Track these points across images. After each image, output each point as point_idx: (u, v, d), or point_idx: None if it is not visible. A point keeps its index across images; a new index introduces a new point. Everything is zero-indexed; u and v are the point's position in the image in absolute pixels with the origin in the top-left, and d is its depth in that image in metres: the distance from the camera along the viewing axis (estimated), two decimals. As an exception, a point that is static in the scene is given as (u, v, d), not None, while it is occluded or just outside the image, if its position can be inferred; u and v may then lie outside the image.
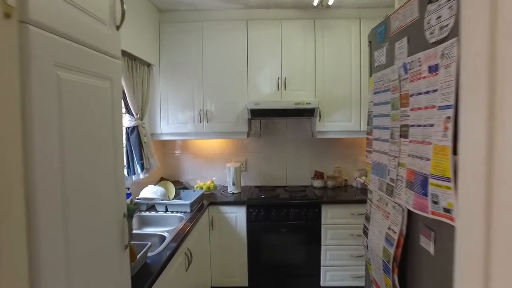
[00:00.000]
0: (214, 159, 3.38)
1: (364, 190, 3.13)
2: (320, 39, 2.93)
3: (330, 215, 2.76)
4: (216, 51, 2.95)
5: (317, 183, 3.23)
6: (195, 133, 3.02)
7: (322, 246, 2.77)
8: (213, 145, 3.37)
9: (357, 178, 3.24)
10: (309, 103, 2.77)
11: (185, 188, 2.99)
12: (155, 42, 2.93)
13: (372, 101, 1.73)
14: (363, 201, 2.74)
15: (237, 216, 2.77)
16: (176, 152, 3.40)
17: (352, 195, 2.97)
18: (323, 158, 3.36)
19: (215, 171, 3.37)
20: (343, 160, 3.36)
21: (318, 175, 3.25)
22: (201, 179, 3.22)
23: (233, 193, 3.02)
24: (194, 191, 2.77)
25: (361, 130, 2.98)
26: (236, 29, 2.94)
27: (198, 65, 2.96)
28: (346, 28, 2.93)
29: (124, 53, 2.32)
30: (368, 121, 1.82)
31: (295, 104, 2.77)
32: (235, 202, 2.79)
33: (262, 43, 2.93)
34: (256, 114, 2.86)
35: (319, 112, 2.93)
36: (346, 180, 3.34)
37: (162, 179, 3.23)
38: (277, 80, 2.93)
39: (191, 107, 2.99)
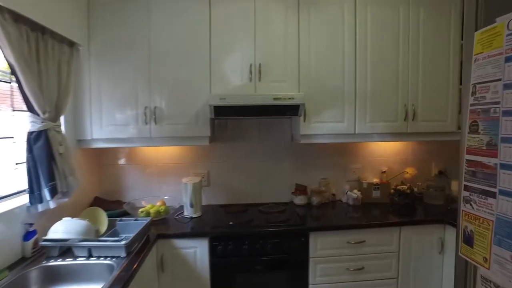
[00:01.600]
0: (166, 172, 2.61)
1: (357, 206, 2.52)
2: (306, 18, 2.27)
3: (321, 245, 2.11)
4: (168, 30, 2.20)
5: (299, 200, 2.58)
6: (139, 138, 2.24)
7: (310, 286, 2.11)
8: (165, 153, 2.60)
9: (348, 192, 2.62)
10: (292, 98, 2.10)
11: (125, 214, 2.21)
12: (82, 13, 2.12)
13: (494, 81, 0.98)
14: (361, 226, 2.14)
15: (197, 252, 2.03)
16: (120, 162, 2.59)
17: (343, 215, 2.33)
18: (306, 168, 2.71)
19: (169, 187, 2.60)
20: (330, 169, 2.73)
21: (300, 189, 2.60)
22: (150, 199, 2.44)
23: (191, 217, 2.27)
24: (136, 220, 2.00)
25: (356, 133, 2.36)
26: (196, 1, 2.21)
27: (143, 48, 2.19)
28: (338, 5, 2.29)
29: (19, 17, 1.51)
30: (472, 125, 1.08)
31: (274, 99, 2.09)
32: (194, 233, 2.05)
33: (230, 20, 2.22)
34: (222, 112, 2.14)
35: (305, 110, 2.27)
36: (334, 194, 2.71)
37: (96, 200, 2.41)
38: (250, 67, 2.23)
39: (134, 103, 2.20)
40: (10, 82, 1.74)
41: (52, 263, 1.57)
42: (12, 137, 1.82)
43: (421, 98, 2.40)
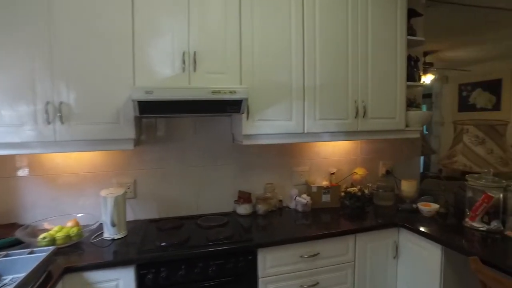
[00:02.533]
0: (82, 184, 2.12)
1: (306, 213, 2.29)
2: (248, 1, 1.97)
3: (271, 262, 1.82)
4: (75, 3, 1.74)
5: (243, 209, 2.27)
6: (40, 143, 1.73)
7: (259, 311, 1.81)
8: (81, 160, 2.11)
9: (296, 198, 2.37)
10: (234, 92, 1.78)
11: (19, 242, 1.69)
12: None
13: None
14: (315, 237, 1.86)
15: (120, 285, 1.60)
16: (18, 174, 2.03)
17: (293, 224, 2.08)
18: (250, 173, 2.41)
19: (86, 201, 2.11)
20: (276, 173, 2.47)
21: (244, 197, 2.29)
22: (57, 219, 1.93)
23: (113, 239, 1.83)
24: (31, 253, 1.50)
25: (305, 132, 2.12)
26: (111, -30, 1.78)
27: (42, 22, 1.70)
28: (281, -14, 2.04)
29: None
30: None
31: (213, 92, 1.75)
32: (116, 261, 1.61)
33: (156, -3, 1.83)
34: (149, 109, 1.74)
35: (248, 107, 1.97)
36: (281, 200, 2.45)
37: (-20, 224, 1.83)
38: (183, 56, 1.86)
39: (30, 97, 1.70)
40: None
41: None
42: None
43: (370, 94, 2.26)
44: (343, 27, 2.16)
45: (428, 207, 2.17)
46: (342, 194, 2.43)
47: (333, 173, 2.56)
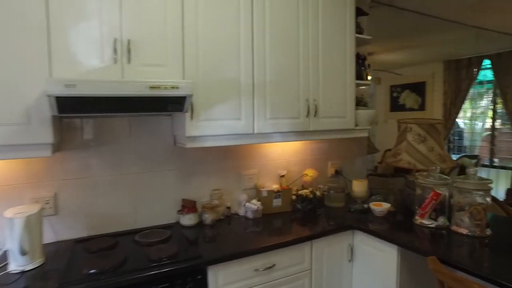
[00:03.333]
0: (-18, 200, 1.69)
1: (257, 220, 2.12)
2: (188, -17, 1.74)
3: (223, 280, 1.61)
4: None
5: (188, 219, 2.02)
6: None
7: (211, 336, 1.59)
8: (-22, 171, 1.68)
9: (246, 204, 2.20)
10: (177, 87, 1.54)
11: None
12: None
13: None
14: (270, 248, 1.68)
15: (33, 329, 1.27)
16: None
17: (243, 233, 1.90)
18: (194, 179, 2.17)
19: (-13, 223, 1.69)
20: (222, 178, 2.27)
21: (189, 206, 2.05)
22: None
23: (24, 271, 1.46)
24: None
25: (255, 132, 1.96)
26: None
27: None
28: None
29: None
30: None
31: (151, 88, 1.49)
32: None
33: (77, -28, 1.51)
34: (71, 106, 1.42)
35: (192, 105, 1.74)
36: (229, 208, 2.25)
37: None
38: (114, 44, 1.56)
39: None
40: None
41: None
42: None
43: (322, 93, 2.17)
44: (293, 23, 2.04)
45: (379, 207, 2.15)
46: (294, 197, 2.32)
47: (283, 176, 2.43)
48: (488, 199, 1.82)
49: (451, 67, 5.84)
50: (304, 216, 2.19)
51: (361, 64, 2.44)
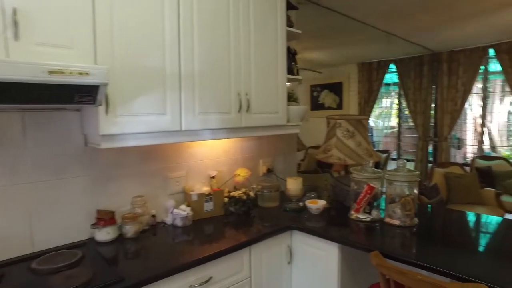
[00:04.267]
0: None
1: (188, 228, 1.90)
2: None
3: (152, 304, 1.36)
4: None
5: (105, 234, 1.70)
6: None
7: None
8: None
9: (173, 211, 1.95)
10: (87, 73, 1.24)
11: None
12: None
13: None
14: (205, 260, 1.48)
15: None
16: None
17: (172, 244, 1.66)
18: (111, 185, 1.84)
19: None
20: (145, 182, 1.98)
21: (105, 218, 1.72)
22: None
23: None
24: None
25: (183, 129, 1.73)
26: None
27: None
28: None
29: None
30: None
31: (51, 73, 1.16)
32: None
33: None
34: None
35: (107, 96, 1.44)
36: (154, 216, 1.97)
37: None
38: (-7, 14, 1.19)
39: None
40: None
41: None
42: None
43: (254, 86, 2.04)
44: (223, 10, 1.86)
45: (315, 204, 2.10)
46: (226, 199, 2.14)
47: (213, 177, 2.24)
48: (416, 190, 1.88)
49: (364, 69, 6.30)
50: (239, 220, 2.03)
51: (291, 59, 2.38)
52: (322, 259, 1.78)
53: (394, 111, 6.54)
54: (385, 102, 6.61)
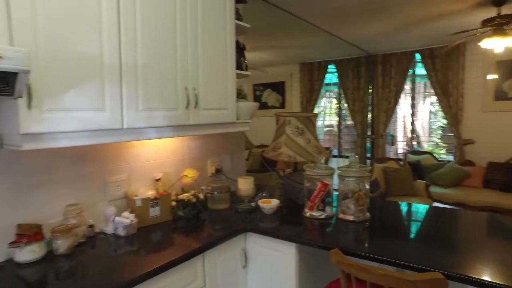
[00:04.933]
0: None
1: (132, 237, 1.71)
2: None
3: (91, 330, 1.16)
4: None
5: (29, 253, 1.43)
6: None
7: None
8: None
9: (115, 219, 1.73)
10: (0, 57, 1.01)
11: None
12: None
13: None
14: (155, 272, 1.32)
15: None
16: None
17: (115, 257, 1.46)
18: (37, 194, 1.57)
19: None
20: (81, 188, 1.74)
21: (29, 233, 1.45)
22: None
23: None
24: None
25: (125, 127, 1.54)
26: None
27: None
28: None
29: None
30: None
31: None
32: None
33: None
34: None
35: (30, 87, 1.21)
36: (92, 226, 1.73)
37: None
38: None
39: None
40: None
41: None
42: None
43: (202, 81, 1.90)
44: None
45: (269, 204, 2.03)
46: (174, 203, 1.98)
47: (159, 179, 2.05)
48: (367, 185, 1.91)
49: (305, 68, 6.46)
50: (188, 224, 1.88)
51: (240, 54, 2.28)
52: (279, 260, 1.72)
53: (334, 110, 6.81)
54: (326, 101, 6.86)
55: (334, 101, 6.73)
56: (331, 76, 6.57)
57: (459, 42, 4.30)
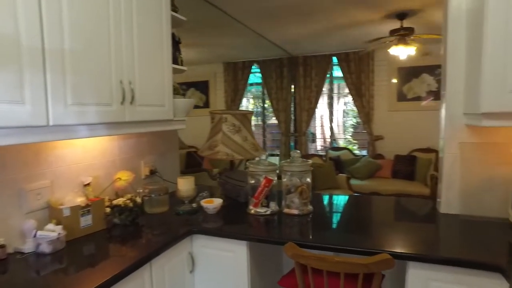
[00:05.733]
0: None
1: (60, 253, 1.49)
2: None
3: None
4: None
5: None
6: None
7: None
8: None
9: (37, 234, 1.47)
10: None
11: None
12: None
13: None
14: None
15: None
16: None
17: (38, 281, 1.24)
18: None
19: None
20: (-10, 200, 1.44)
21: None
22: None
23: None
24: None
25: (51, 124, 1.32)
26: None
27: None
28: None
29: None
30: None
31: None
32: None
33: None
34: None
35: None
36: (3, 246, 1.44)
37: None
38: None
39: None
40: None
41: None
42: None
43: (138, 74, 1.74)
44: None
45: (212, 204, 1.95)
46: (108, 210, 1.77)
47: (88, 184, 1.82)
48: (309, 179, 1.97)
49: (229, 68, 6.46)
50: (126, 232, 1.70)
51: (176, 47, 2.16)
52: (230, 260, 1.66)
53: (258, 109, 6.96)
54: (249, 101, 6.96)
55: (252, 101, 6.90)
56: (254, 77, 6.70)
57: (373, 49, 4.78)
